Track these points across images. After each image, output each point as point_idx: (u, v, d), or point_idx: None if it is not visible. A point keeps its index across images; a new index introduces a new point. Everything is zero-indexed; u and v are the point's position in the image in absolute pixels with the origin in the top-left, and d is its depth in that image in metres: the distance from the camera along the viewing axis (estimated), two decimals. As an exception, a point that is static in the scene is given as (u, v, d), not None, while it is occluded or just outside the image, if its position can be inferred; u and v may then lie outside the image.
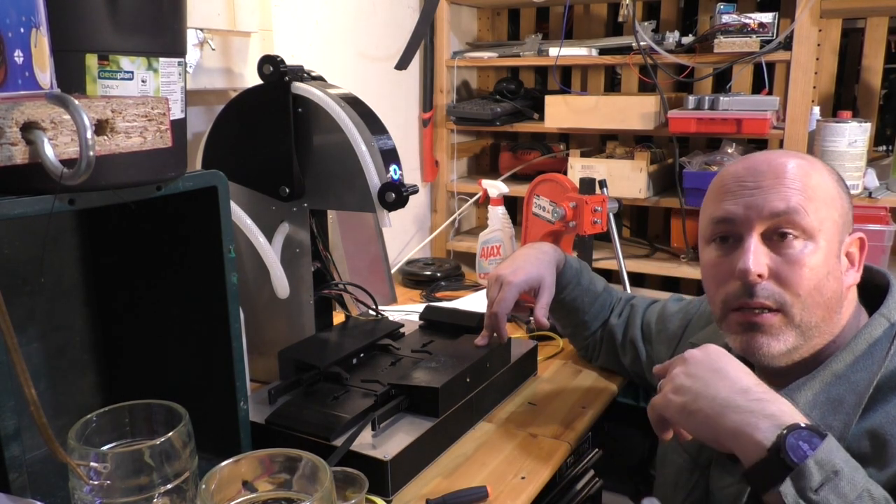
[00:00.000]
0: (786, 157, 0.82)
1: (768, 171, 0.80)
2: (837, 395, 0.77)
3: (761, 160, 0.82)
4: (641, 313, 1.21)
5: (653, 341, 1.17)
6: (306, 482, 0.68)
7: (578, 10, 2.13)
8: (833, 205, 0.80)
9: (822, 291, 0.78)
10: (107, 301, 0.99)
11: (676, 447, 0.98)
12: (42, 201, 0.66)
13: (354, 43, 1.76)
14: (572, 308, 1.22)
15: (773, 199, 0.79)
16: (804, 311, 0.78)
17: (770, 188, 0.79)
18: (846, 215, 0.81)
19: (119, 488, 0.68)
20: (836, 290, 0.79)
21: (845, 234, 0.81)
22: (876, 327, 0.80)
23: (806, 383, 0.80)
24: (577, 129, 1.95)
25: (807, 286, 0.77)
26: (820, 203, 0.79)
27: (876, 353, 0.78)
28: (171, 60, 0.74)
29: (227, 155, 1.15)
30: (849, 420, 0.75)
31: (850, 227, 0.82)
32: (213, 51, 1.26)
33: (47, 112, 0.53)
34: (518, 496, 0.92)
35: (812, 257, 0.78)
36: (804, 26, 1.61)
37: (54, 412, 0.95)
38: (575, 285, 1.21)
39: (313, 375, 1.07)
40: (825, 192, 0.79)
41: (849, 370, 0.78)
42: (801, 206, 0.78)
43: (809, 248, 0.78)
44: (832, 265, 0.79)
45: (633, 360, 1.20)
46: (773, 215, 0.78)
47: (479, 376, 1.09)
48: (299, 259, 1.18)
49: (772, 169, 0.80)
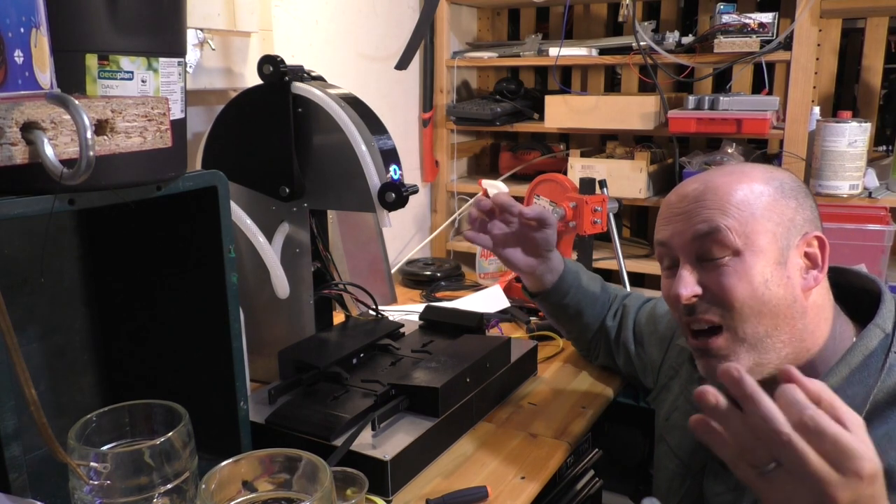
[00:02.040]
0: (712, 178, 0.83)
1: (692, 195, 0.83)
2: None
3: (689, 184, 0.85)
4: (633, 314, 1.20)
5: (644, 343, 1.17)
6: (306, 482, 0.68)
7: (578, 10, 2.13)
8: (766, 214, 0.80)
9: (762, 301, 0.78)
10: (107, 301, 0.99)
11: (669, 452, 0.98)
12: (42, 201, 0.66)
13: (354, 43, 1.76)
14: (576, 312, 1.22)
15: (694, 223, 0.81)
16: (745, 324, 0.79)
17: (692, 212, 0.82)
18: (792, 220, 0.80)
19: (119, 488, 0.68)
20: (782, 296, 0.79)
21: (792, 237, 0.80)
22: (871, 339, 0.79)
23: None
24: (577, 129, 1.95)
25: (740, 298, 0.78)
26: (747, 216, 0.79)
27: (871, 366, 0.77)
28: (171, 60, 0.74)
29: (227, 155, 1.15)
30: None
31: (800, 229, 0.81)
32: (213, 51, 1.26)
33: (47, 112, 0.53)
34: (518, 496, 0.92)
35: (742, 270, 0.79)
36: (804, 26, 1.61)
37: (54, 412, 0.95)
38: (576, 289, 1.21)
39: (313, 375, 1.07)
40: (755, 203, 0.80)
41: (845, 384, 0.77)
42: (721, 224, 0.79)
43: (738, 263, 0.79)
44: (770, 273, 0.78)
45: (626, 361, 1.20)
46: (697, 237, 0.81)
47: (479, 376, 1.09)
48: (299, 259, 1.18)
49: (695, 193, 0.83)
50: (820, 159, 1.58)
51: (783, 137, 1.69)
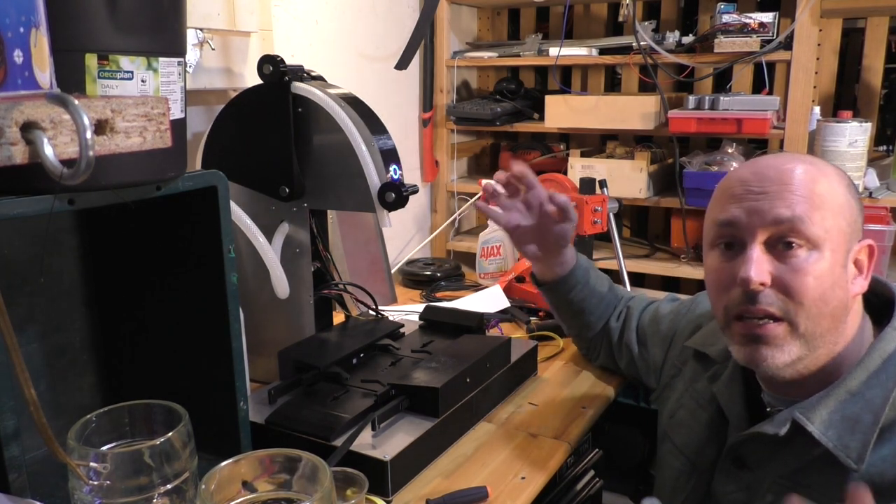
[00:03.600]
0: (794, 163, 0.79)
1: (774, 177, 0.78)
2: (853, 413, 0.76)
3: (769, 165, 0.80)
4: (637, 316, 1.20)
5: (647, 344, 1.16)
6: (306, 482, 0.68)
7: (578, 10, 2.13)
8: (841, 213, 0.77)
9: (826, 301, 0.76)
10: (107, 301, 0.99)
11: (674, 450, 0.97)
12: (42, 201, 0.66)
13: (354, 43, 1.76)
14: (579, 309, 1.22)
15: (777, 206, 0.77)
16: (809, 321, 0.76)
17: (775, 195, 0.77)
18: (855, 223, 0.79)
19: (119, 488, 0.68)
20: (841, 299, 0.77)
21: (853, 241, 0.79)
22: (889, 342, 0.79)
23: (821, 401, 0.77)
24: (577, 129, 1.95)
25: (811, 296, 0.75)
26: (827, 211, 0.76)
27: (890, 369, 0.77)
28: (171, 60, 0.74)
29: (227, 155, 1.15)
30: (866, 440, 0.74)
31: (859, 234, 0.80)
32: (212, 51, 1.26)
33: (47, 112, 0.53)
34: (518, 496, 0.92)
35: (817, 266, 0.76)
36: (804, 26, 1.61)
37: (54, 412, 0.95)
38: (584, 285, 1.20)
39: (313, 375, 1.07)
40: (833, 200, 0.77)
41: (863, 387, 0.76)
42: (806, 215, 0.76)
43: (814, 258, 0.76)
44: (837, 275, 0.76)
45: (629, 362, 1.20)
46: (777, 222, 0.76)
47: (479, 376, 1.09)
48: (299, 259, 1.17)
49: (778, 175, 0.78)
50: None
51: (783, 137, 1.69)
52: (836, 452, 0.75)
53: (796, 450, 0.79)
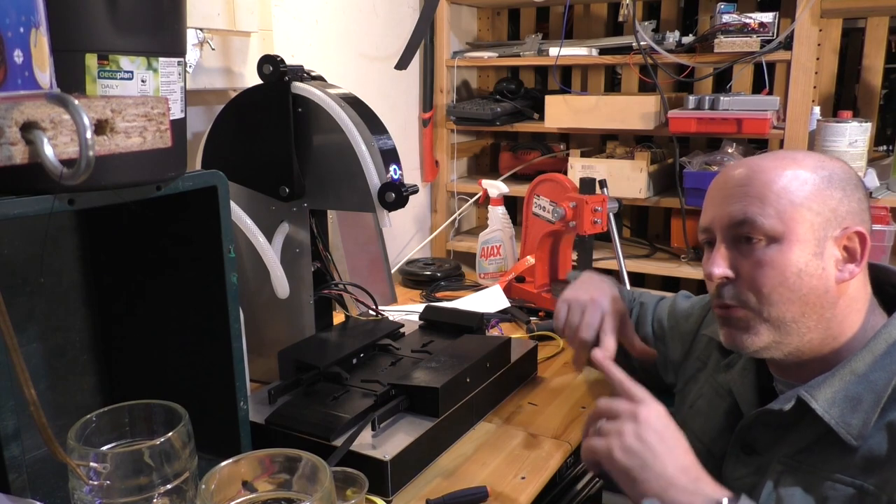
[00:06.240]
0: (758, 161, 0.84)
1: (737, 179, 0.84)
2: (856, 393, 0.78)
3: (739, 166, 0.86)
4: (651, 311, 1.20)
5: (665, 339, 1.16)
6: (306, 482, 0.68)
7: (578, 10, 2.13)
8: (807, 203, 0.80)
9: (791, 289, 0.80)
10: (107, 301, 0.99)
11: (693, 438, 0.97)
12: (42, 201, 0.66)
13: (354, 43, 1.76)
14: None
15: (734, 207, 0.82)
16: (772, 308, 0.81)
17: (733, 197, 0.83)
18: (834, 210, 0.81)
19: (119, 488, 0.68)
20: (814, 286, 0.80)
21: (831, 228, 0.81)
22: (895, 328, 0.81)
23: (825, 381, 0.80)
24: (577, 129, 1.95)
25: (770, 284, 0.80)
26: (786, 204, 0.80)
27: (895, 354, 0.79)
28: (171, 60, 0.74)
29: (227, 155, 1.15)
30: (867, 418, 0.77)
31: (842, 221, 0.81)
32: (212, 51, 1.26)
33: (47, 112, 0.53)
34: (518, 496, 0.92)
35: (777, 257, 0.80)
36: (804, 26, 1.61)
37: (54, 412, 0.95)
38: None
39: (313, 375, 1.07)
40: (798, 192, 0.80)
41: (868, 370, 0.79)
42: (759, 212, 0.80)
43: (774, 249, 0.80)
44: (805, 263, 0.80)
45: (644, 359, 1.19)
46: (734, 223, 0.82)
47: (479, 376, 1.09)
48: (299, 259, 1.17)
49: (737, 177, 0.84)
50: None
51: (783, 137, 1.69)
52: (838, 429, 0.77)
53: (801, 430, 0.81)
